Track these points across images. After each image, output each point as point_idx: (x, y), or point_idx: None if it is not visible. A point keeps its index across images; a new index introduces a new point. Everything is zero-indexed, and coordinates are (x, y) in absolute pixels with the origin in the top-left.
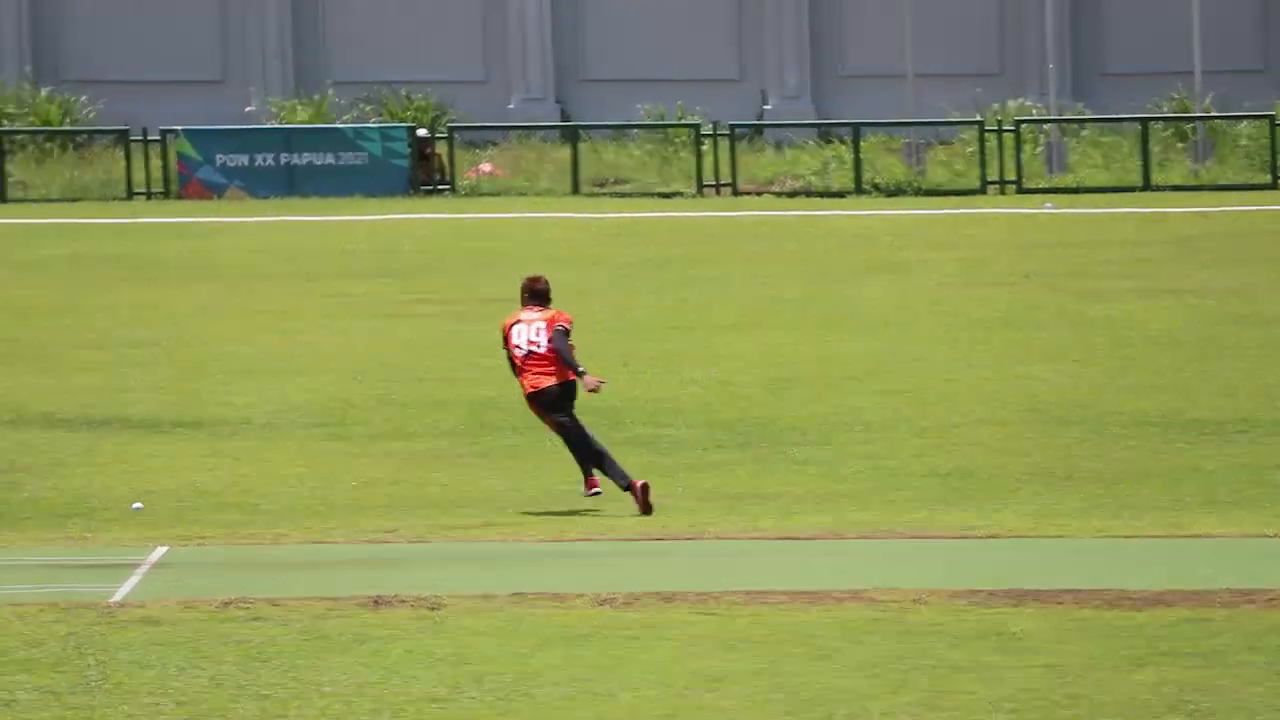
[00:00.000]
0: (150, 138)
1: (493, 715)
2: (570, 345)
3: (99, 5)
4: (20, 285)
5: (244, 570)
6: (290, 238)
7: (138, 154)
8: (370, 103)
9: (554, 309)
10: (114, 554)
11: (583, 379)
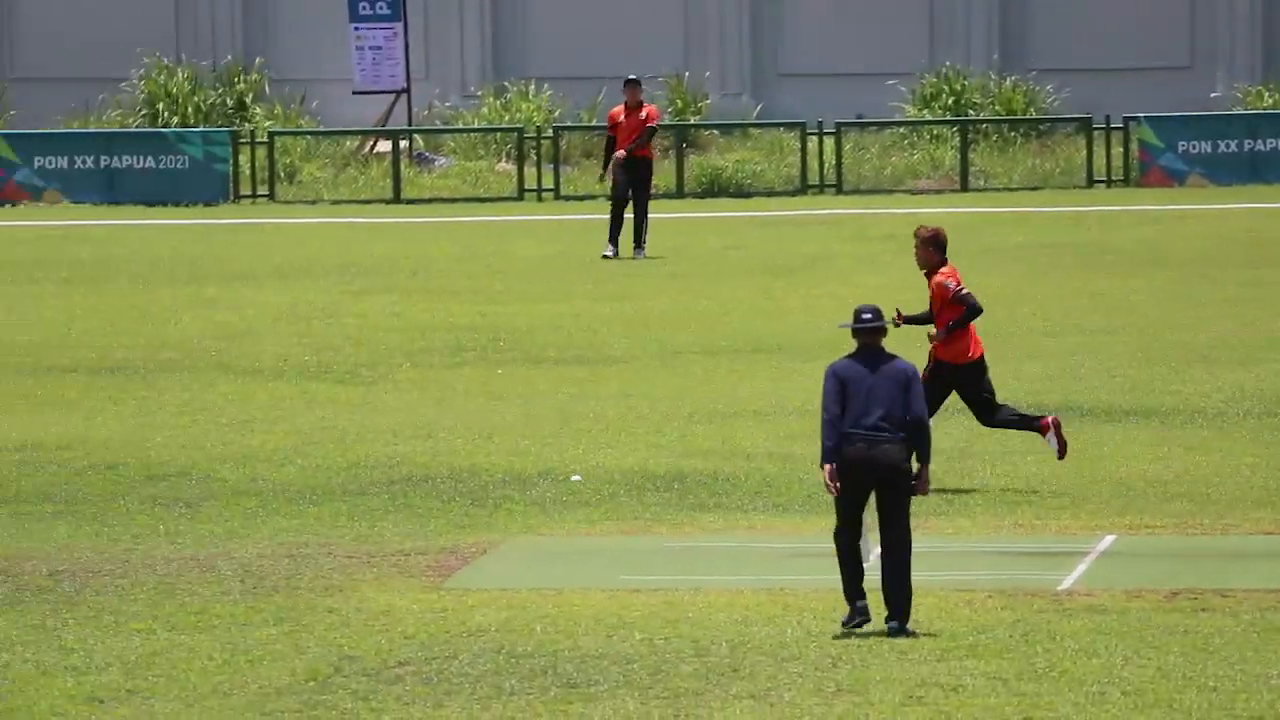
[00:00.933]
0: (1112, 125)
1: None
2: None
3: None
4: (978, 272)
5: (1192, 560)
6: (1249, 224)
7: (1099, 142)
8: None
9: None
10: (1062, 542)
11: None
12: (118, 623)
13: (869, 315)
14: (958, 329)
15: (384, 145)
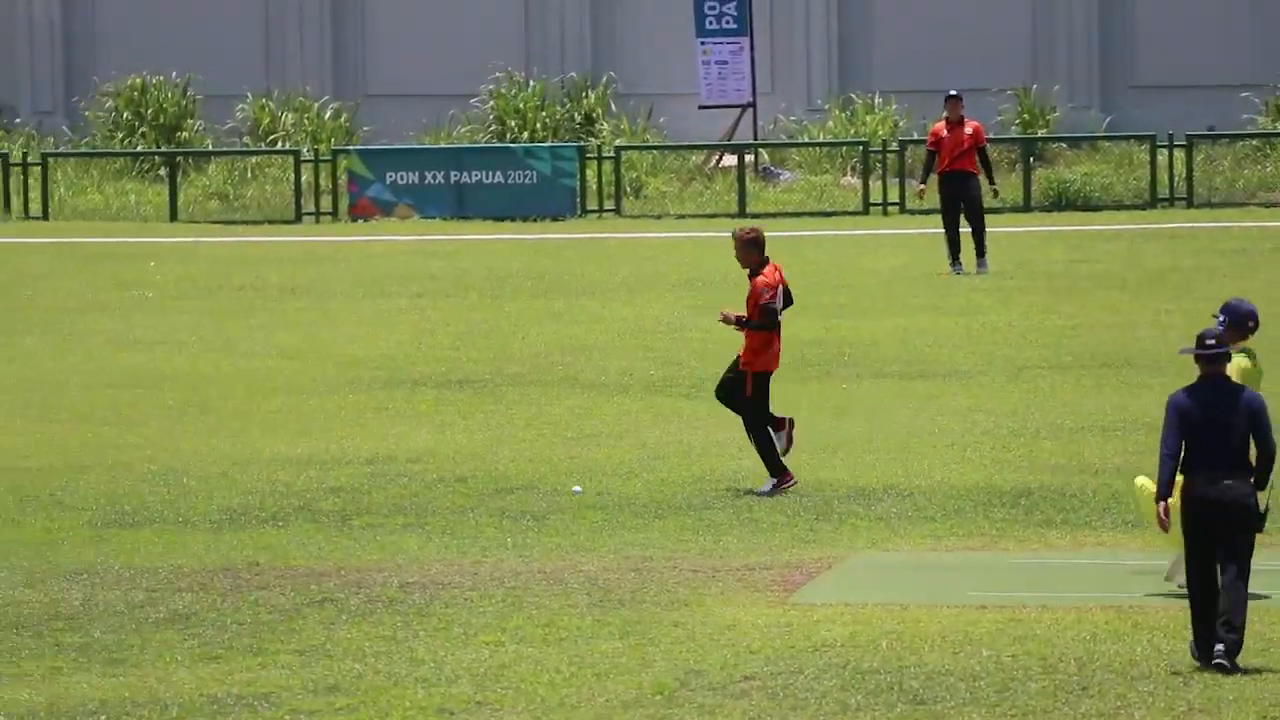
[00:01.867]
0: None
1: None
2: None
3: None
4: None
5: None
6: None
7: None
8: None
9: None
10: None
11: None
12: (467, 635)
13: (1212, 341)
14: (751, 329)
15: (729, 159)
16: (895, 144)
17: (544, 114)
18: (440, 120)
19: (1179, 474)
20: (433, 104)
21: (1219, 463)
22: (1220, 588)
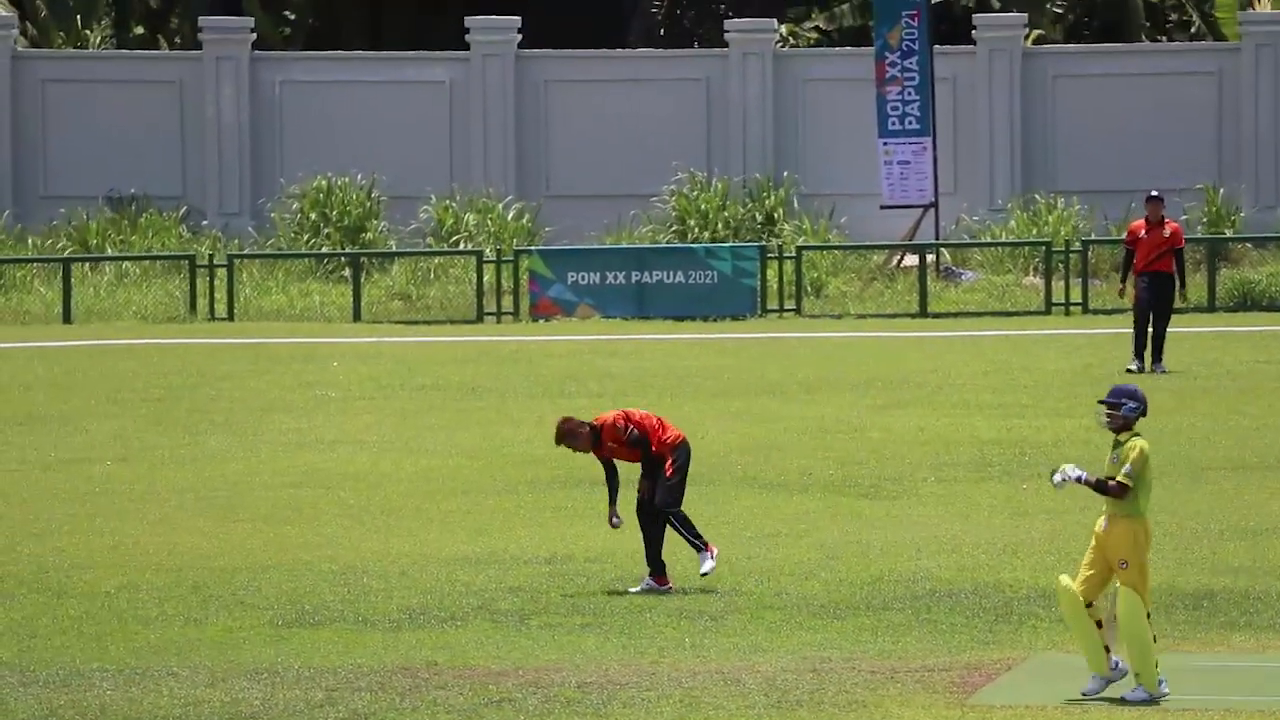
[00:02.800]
0: None
1: None
2: None
3: None
4: None
5: None
6: None
7: None
8: None
9: None
10: None
11: None
12: None
13: None
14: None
15: (911, 259)
16: (1078, 244)
17: (725, 213)
18: (621, 220)
19: None
20: (614, 204)
21: None
22: None
